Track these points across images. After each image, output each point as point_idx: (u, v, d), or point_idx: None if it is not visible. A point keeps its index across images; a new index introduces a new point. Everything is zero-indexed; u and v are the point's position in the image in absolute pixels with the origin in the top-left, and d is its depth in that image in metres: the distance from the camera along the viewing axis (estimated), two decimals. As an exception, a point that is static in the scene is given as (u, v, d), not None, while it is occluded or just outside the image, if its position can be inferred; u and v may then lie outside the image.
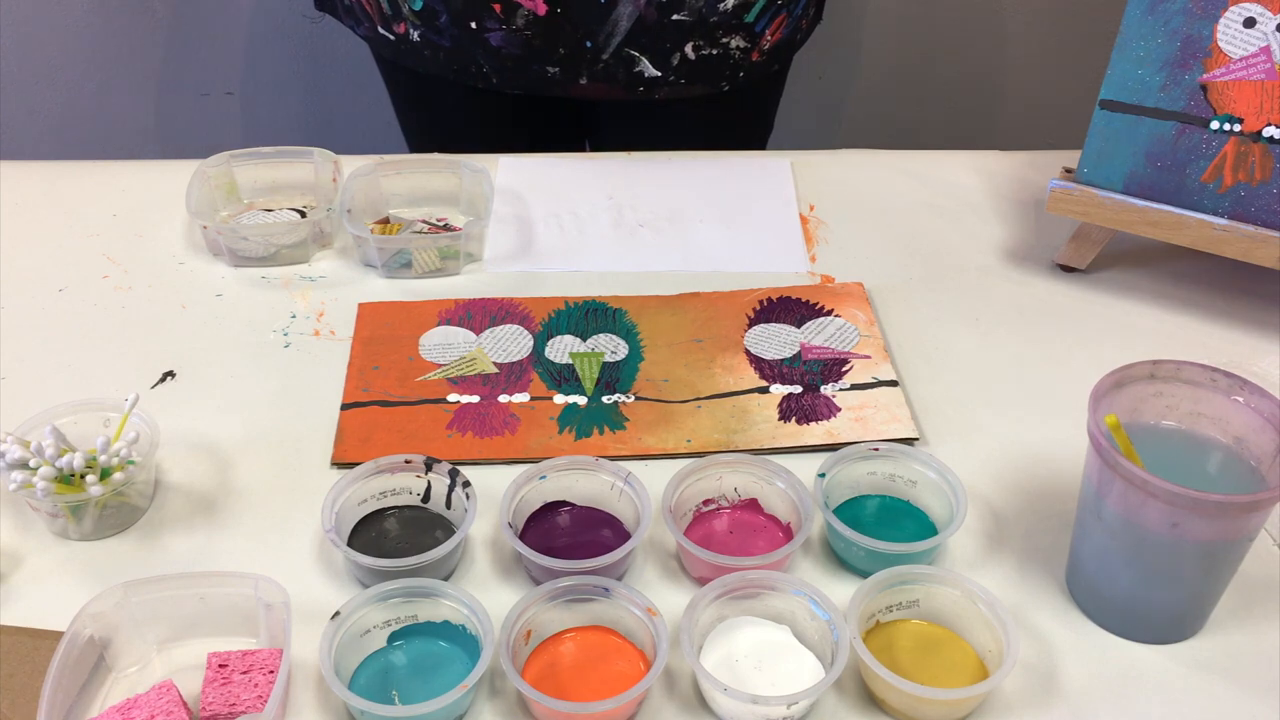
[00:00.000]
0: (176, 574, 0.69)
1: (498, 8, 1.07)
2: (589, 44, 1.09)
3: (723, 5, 1.09)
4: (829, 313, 0.94)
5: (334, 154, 1.03)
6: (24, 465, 0.73)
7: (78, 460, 0.73)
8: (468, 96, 1.18)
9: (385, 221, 1.03)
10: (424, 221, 1.03)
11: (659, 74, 1.12)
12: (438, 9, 1.09)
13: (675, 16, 1.08)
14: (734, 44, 1.12)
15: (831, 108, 1.91)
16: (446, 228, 1.03)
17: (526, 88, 1.13)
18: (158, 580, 0.68)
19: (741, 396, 0.86)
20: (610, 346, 0.91)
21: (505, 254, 1.01)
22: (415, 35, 1.11)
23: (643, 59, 1.10)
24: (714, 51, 1.12)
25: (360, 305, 0.94)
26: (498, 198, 1.06)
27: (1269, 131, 0.86)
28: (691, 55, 1.11)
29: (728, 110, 1.22)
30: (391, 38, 1.14)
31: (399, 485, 0.77)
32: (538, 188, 1.09)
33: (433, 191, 1.05)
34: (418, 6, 1.09)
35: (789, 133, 1.82)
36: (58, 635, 0.66)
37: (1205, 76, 0.87)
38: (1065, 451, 0.81)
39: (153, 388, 0.87)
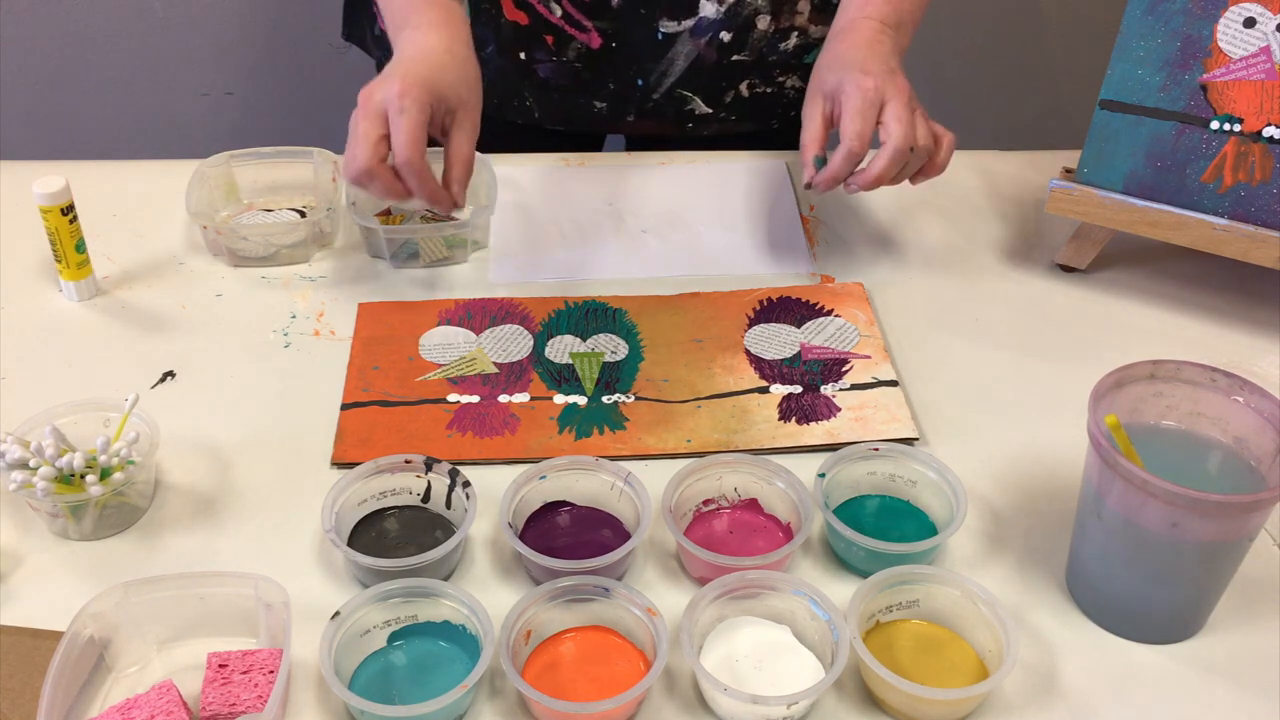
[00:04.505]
0: (176, 574, 0.69)
1: (550, 39, 1.04)
2: (640, 82, 1.07)
3: (784, 45, 1.07)
4: (829, 313, 0.94)
5: (334, 154, 1.03)
6: (24, 465, 0.73)
7: (78, 460, 0.73)
8: (498, 130, 1.06)
9: (387, 213, 1.03)
10: (427, 210, 1.03)
11: (710, 111, 1.10)
12: (486, 37, 1.06)
13: (735, 57, 1.06)
14: (790, 84, 1.11)
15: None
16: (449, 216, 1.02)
17: (568, 122, 1.10)
18: (158, 580, 0.68)
19: (741, 396, 0.86)
20: (610, 346, 0.91)
21: (507, 260, 1.00)
22: None
23: (695, 98, 1.08)
24: (768, 90, 1.11)
25: (360, 305, 0.94)
26: (500, 194, 1.06)
27: (1269, 131, 0.86)
28: (745, 93, 1.10)
29: (770, 144, 1.14)
30: None
31: (399, 485, 0.77)
32: (537, 196, 1.08)
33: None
34: None
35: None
36: (58, 635, 0.65)
37: (1205, 76, 0.87)
38: (1065, 451, 0.81)
39: (153, 388, 0.87)
